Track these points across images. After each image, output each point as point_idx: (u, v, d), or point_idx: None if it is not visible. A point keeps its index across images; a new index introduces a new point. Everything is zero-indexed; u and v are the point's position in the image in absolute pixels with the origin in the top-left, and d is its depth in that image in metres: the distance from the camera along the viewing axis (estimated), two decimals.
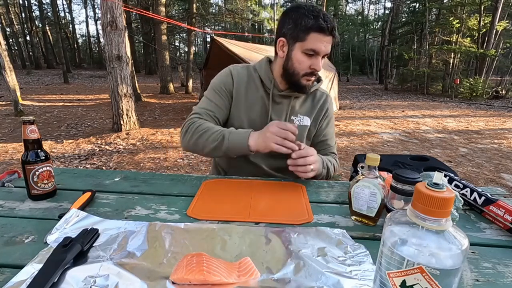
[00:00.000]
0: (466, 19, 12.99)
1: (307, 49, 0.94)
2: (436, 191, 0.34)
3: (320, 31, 0.91)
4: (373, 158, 0.67)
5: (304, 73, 0.98)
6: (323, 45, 0.93)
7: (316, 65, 0.96)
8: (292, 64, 0.99)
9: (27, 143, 0.75)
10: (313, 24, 0.91)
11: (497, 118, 7.30)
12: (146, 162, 3.72)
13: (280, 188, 0.91)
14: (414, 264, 0.34)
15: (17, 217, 0.69)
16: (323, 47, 0.94)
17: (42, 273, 0.48)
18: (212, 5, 16.09)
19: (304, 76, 0.99)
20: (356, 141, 4.88)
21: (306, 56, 0.95)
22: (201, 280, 0.48)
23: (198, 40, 36.12)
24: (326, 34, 0.92)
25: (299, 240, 0.61)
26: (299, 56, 0.96)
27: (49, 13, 26.07)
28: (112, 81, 4.80)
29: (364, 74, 28.34)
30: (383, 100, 11.08)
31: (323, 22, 0.90)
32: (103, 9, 4.55)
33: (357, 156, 1.74)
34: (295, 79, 1.00)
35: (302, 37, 0.93)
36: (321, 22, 0.90)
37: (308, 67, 0.97)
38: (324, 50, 0.95)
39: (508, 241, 0.66)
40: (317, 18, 0.91)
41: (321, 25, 0.90)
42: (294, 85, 1.02)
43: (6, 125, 5.41)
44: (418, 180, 0.66)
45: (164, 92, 10.84)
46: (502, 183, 3.24)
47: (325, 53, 0.96)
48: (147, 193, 0.84)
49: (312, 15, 0.91)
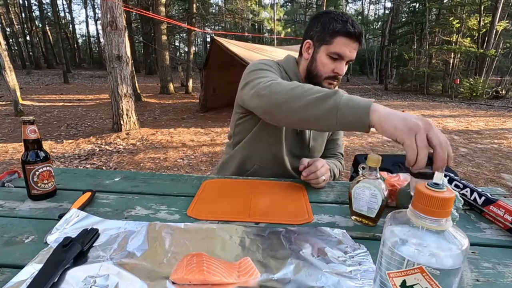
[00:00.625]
0: (466, 19, 12.99)
1: (332, 52, 0.94)
2: (436, 191, 0.34)
3: (347, 36, 0.92)
4: (374, 159, 0.67)
5: (327, 76, 0.98)
6: (349, 49, 0.94)
7: (339, 69, 0.96)
8: (316, 66, 0.99)
9: (27, 143, 0.75)
10: (341, 28, 0.92)
11: (497, 118, 7.30)
12: (146, 162, 3.72)
13: (280, 188, 0.91)
14: (414, 264, 0.34)
15: (17, 217, 0.69)
16: (348, 52, 0.94)
17: (42, 273, 0.47)
18: (212, 5, 16.09)
19: (327, 79, 0.98)
20: (356, 141, 4.88)
21: (330, 59, 0.96)
22: (201, 280, 0.48)
23: (198, 40, 36.12)
24: (353, 40, 0.93)
25: (299, 240, 0.61)
26: (324, 59, 0.96)
27: (49, 13, 26.08)
28: (112, 81, 4.80)
29: (364, 74, 28.35)
30: (383, 100, 11.09)
31: (351, 27, 0.91)
32: (103, 9, 4.55)
33: (357, 156, 1.74)
34: (317, 81, 0.99)
35: (329, 40, 0.94)
36: (349, 27, 0.91)
37: (332, 71, 0.96)
38: (349, 55, 0.95)
39: (508, 241, 0.66)
40: (346, 23, 0.92)
41: (349, 30, 0.91)
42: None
43: (6, 125, 5.41)
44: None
45: (164, 92, 10.84)
46: (502, 183, 3.24)
47: (349, 58, 0.96)
48: (147, 193, 0.84)
49: (341, 20, 0.92)
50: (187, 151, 4.16)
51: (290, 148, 1.10)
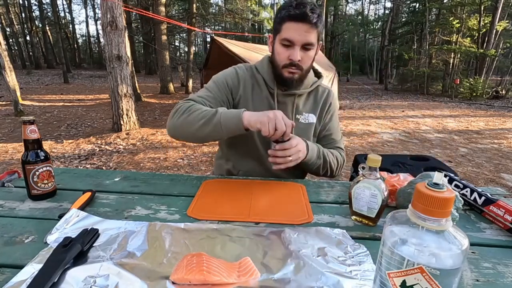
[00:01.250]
0: (466, 19, 12.99)
1: (282, 39, 0.93)
2: (436, 191, 0.34)
3: (292, 19, 0.90)
4: (374, 159, 0.67)
5: (284, 64, 0.96)
6: (298, 33, 0.90)
7: (293, 55, 0.93)
8: (274, 57, 0.99)
9: (27, 143, 0.75)
10: (285, 13, 0.90)
11: (497, 118, 7.30)
12: (146, 162, 3.72)
13: (280, 188, 0.91)
14: (414, 264, 0.34)
15: (17, 217, 0.69)
16: (297, 36, 0.91)
17: (42, 273, 0.47)
18: (212, 5, 16.08)
19: (284, 68, 0.97)
20: (356, 141, 4.88)
21: (284, 47, 0.94)
22: (201, 280, 0.48)
23: (198, 40, 36.14)
24: (300, 22, 0.89)
25: (299, 240, 0.61)
26: (278, 48, 0.96)
27: (49, 13, 26.08)
28: (112, 81, 4.80)
29: (364, 74, 28.35)
30: (383, 100, 11.08)
31: (293, 9, 0.88)
32: (103, 9, 4.55)
33: (357, 156, 1.74)
34: (278, 72, 0.99)
35: (278, 28, 0.94)
36: (291, 10, 0.89)
37: (287, 58, 0.94)
38: (300, 39, 0.91)
39: (508, 241, 0.66)
40: (289, 7, 0.89)
41: (290, 13, 0.89)
42: (279, 79, 1.01)
43: (6, 125, 5.41)
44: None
45: (164, 92, 10.84)
46: (502, 183, 3.24)
47: (303, 42, 0.92)
48: (147, 193, 0.84)
49: (287, 5, 0.90)
50: (187, 151, 4.16)
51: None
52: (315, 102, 1.11)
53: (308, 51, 0.95)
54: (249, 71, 1.09)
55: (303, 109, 1.09)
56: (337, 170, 1.09)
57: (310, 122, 1.10)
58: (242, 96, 1.06)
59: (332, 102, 1.14)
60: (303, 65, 0.97)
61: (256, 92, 1.07)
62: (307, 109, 1.10)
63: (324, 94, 1.13)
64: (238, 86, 1.06)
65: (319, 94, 1.12)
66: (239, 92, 1.06)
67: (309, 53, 0.95)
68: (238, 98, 1.06)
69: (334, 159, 1.06)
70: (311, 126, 1.10)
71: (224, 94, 1.04)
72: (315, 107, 1.11)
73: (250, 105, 1.05)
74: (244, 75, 1.07)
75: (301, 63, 0.95)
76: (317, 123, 1.12)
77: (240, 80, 1.06)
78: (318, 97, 1.12)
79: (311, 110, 1.11)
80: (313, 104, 1.11)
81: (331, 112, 1.14)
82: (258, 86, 1.07)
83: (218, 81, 1.05)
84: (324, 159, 1.01)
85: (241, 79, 1.06)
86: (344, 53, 31.69)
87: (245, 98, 1.05)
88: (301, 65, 0.96)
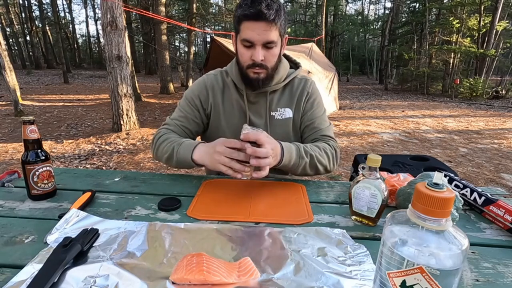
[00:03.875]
0: (466, 19, 12.98)
1: (242, 40, 0.89)
2: (436, 191, 0.34)
3: (248, 19, 0.85)
4: (374, 159, 0.67)
5: (247, 65, 0.93)
6: (256, 32, 0.85)
7: (254, 56, 0.89)
8: (238, 58, 0.96)
9: (27, 143, 0.75)
10: (240, 13, 0.86)
11: (497, 118, 7.30)
12: (146, 162, 3.72)
13: (280, 188, 0.91)
14: (414, 264, 0.34)
15: (17, 217, 0.69)
16: (256, 35, 0.86)
17: (42, 273, 0.47)
18: (212, 5, 16.09)
19: (249, 68, 0.93)
20: (356, 141, 4.88)
21: (245, 48, 0.90)
22: (201, 280, 0.48)
23: (198, 40, 36.13)
24: (256, 20, 0.84)
25: (299, 240, 0.61)
26: (240, 48, 0.92)
27: (49, 13, 26.07)
28: (112, 81, 4.80)
29: (364, 74, 28.34)
30: (383, 100, 11.08)
31: (248, 8, 0.83)
32: (103, 9, 4.55)
33: (357, 156, 1.74)
34: (243, 73, 0.96)
35: (238, 28, 0.90)
36: (245, 8, 0.84)
37: (249, 59, 0.91)
38: (259, 38, 0.86)
39: (508, 241, 0.66)
40: (245, 6, 0.84)
41: (245, 12, 0.84)
42: (245, 80, 0.98)
43: (6, 125, 5.41)
44: None
45: (164, 92, 10.84)
46: (502, 183, 3.24)
47: (262, 41, 0.87)
48: (147, 193, 0.84)
49: (243, 3, 0.85)
50: None
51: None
52: (291, 95, 1.07)
53: (271, 49, 0.90)
54: (218, 76, 1.08)
55: (278, 105, 1.05)
56: (330, 164, 0.97)
57: (287, 117, 1.06)
58: (212, 104, 1.06)
59: (311, 90, 1.08)
60: (268, 63, 0.93)
61: (227, 95, 1.06)
62: (282, 103, 1.06)
63: (300, 84, 1.07)
64: (207, 95, 1.05)
65: (295, 86, 1.07)
66: (209, 101, 1.06)
67: (272, 51, 0.91)
68: (210, 107, 1.06)
69: (322, 152, 0.94)
70: (289, 121, 1.06)
71: (195, 110, 1.05)
72: (291, 100, 1.06)
73: (221, 110, 1.05)
74: (212, 82, 1.06)
75: (265, 62, 0.92)
76: (295, 115, 1.07)
77: (208, 88, 1.06)
78: (294, 89, 1.07)
79: (287, 104, 1.06)
80: (288, 97, 1.06)
81: (310, 100, 1.07)
82: (228, 90, 1.06)
83: (188, 98, 1.06)
84: (310, 157, 0.91)
85: (209, 87, 1.06)
86: (344, 53, 31.67)
87: (216, 104, 1.06)
88: (265, 64, 0.92)
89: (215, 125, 1.08)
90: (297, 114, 1.07)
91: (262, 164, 0.75)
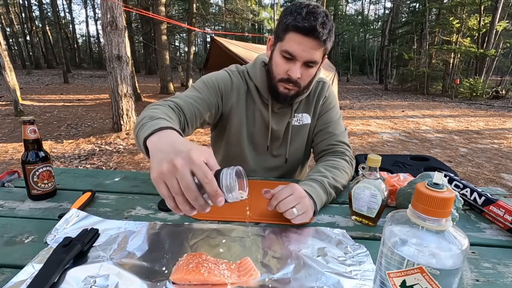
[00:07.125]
0: (466, 19, 12.99)
1: (283, 50, 0.81)
2: (436, 191, 0.34)
3: (298, 31, 0.77)
4: (374, 159, 0.67)
5: (280, 78, 0.85)
6: (302, 48, 0.78)
7: (292, 72, 0.81)
8: (271, 66, 0.88)
9: (27, 143, 0.75)
10: (291, 22, 0.77)
11: (497, 118, 7.30)
12: (146, 162, 3.72)
13: None
14: (414, 264, 0.34)
15: (17, 217, 0.69)
16: (301, 51, 0.79)
17: (42, 273, 0.47)
18: (212, 5, 16.09)
19: (281, 81, 0.86)
20: (356, 141, 4.88)
21: (283, 59, 0.82)
22: (201, 280, 0.48)
23: (198, 40, 36.15)
24: (306, 36, 0.77)
25: (299, 240, 0.61)
26: (277, 58, 0.84)
27: (49, 13, 26.11)
28: (112, 81, 4.80)
29: (364, 74, 28.36)
30: (383, 100, 11.08)
31: (301, 20, 0.75)
32: (103, 9, 4.55)
33: (357, 156, 1.74)
34: (272, 83, 0.89)
35: (282, 36, 0.81)
36: (298, 20, 0.76)
37: (285, 72, 0.84)
38: (303, 55, 0.79)
39: (508, 241, 0.66)
40: (298, 15, 0.76)
41: (297, 24, 0.76)
42: (273, 92, 0.90)
43: (6, 125, 5.41)
44: None
45: (164, 92, 10.84)
46: (502, 183, 3.24)
47: (305, 59, 0.80)
48: (147, 193, 0.84)
49: (296, 12, 0.77)
50: None
51: (261, 164, 1.05)
52: (308, 100, 1.02)
53: (310, 68, 0.84)
54: (242, 76, 0.99)
55: (297, 110, 1.01)
56: (349, 179, 0.93)
57: (305, 123, 1.02)
58: (234, 106, 0.97)
59: (327, 93, 1.03)
60: (302, 82, 0.87)
61: (250, 100, 0.98)
62: (301, 109, 1.01)
63: (318, 88, 1.02)
64: (231, 93, 0.96)
65: (313, 90, 1.01)
66: (231, 101, 0.96)
67: (310, 71, 0.85)
68: (230, 107, 0.97)
69: (343, 174, 0.87)
70: (306, 127, 1.02)
71: (214, 96, 0.93)
72: (309, 106, 1.01)
73: (243, 115, 0.98)
74: (238, 82, 0.97)
75: (300, 81, 0.85)
76: (312, 122, 1.03)
77: (234, 87, 0.96)
78: (312, 93, 1.01)
79: (306, 109, 1.01)
80: (306, 102, 1.01)
81: (326, 103, 1.03)
82: (251, 94, 0.98)
83: (209, 82, 0.93)
84: (335, 188, 0.82)
85: (235, 86, 0.96)
86: (344, 53, 31.69)
87: (239, 108, 0.97)
88: (299, 82, 0.86)
89: (236, 122, 0.98)
90: (313, 120, 1.03)
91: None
